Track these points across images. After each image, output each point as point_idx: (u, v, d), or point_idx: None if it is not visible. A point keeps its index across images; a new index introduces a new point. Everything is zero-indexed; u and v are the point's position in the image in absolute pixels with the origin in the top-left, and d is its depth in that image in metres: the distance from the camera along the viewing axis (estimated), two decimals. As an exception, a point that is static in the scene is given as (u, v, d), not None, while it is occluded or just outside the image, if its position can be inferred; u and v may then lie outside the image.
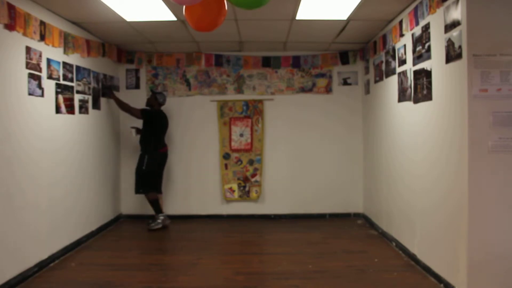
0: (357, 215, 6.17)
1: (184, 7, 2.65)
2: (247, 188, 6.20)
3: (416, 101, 4.03)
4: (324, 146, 6.21)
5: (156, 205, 5.57)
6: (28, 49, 3.75)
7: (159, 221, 5.55)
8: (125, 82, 6.19)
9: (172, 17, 4.38)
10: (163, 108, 5.78)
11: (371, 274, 3.86)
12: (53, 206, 4.23)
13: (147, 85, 6.16)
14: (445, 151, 3.45)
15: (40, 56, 3.96)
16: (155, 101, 5.64)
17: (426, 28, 3.74)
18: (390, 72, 4.77)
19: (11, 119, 3.55)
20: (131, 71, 6.19)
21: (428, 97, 3.75)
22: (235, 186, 6.19)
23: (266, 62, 6.15)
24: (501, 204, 3.08)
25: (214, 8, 2.59)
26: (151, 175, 5.56)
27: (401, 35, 4.34)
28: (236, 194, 6.20)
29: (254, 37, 5.38)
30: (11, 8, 3.45)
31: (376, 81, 5.39)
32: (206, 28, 2.71)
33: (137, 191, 5.58)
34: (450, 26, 3.29)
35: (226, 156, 6.20)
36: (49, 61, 4.12)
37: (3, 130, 3.45)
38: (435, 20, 3.57)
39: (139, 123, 5.77)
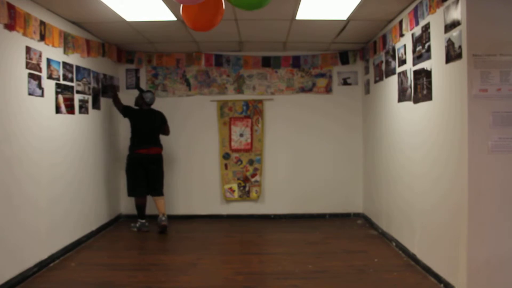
0: (357, 215, 6.16)
1: (181, 6, 2.64)
2: (247, 188, 6.20)
3: (416, 101, 4.03)
4: (324, 146, 6.20)
5: (137, 210, 5.50)
6: (28, 49, 3.75)
7: (136, 224, 5.49)
8: (125, 82, 6.19)
9: (172, 17, 4.38)
10: (165, 108, 5.77)
11: (371, 274, 3.86)
12: (53, 206, 4.23)
13: (147, 85, 6.16)
14: (445, 151, 3.45)
15: (40, 56, 3.96)
16: (142, 100, 5.49)
17: (426, 28, 3.74)
18: (390, 72, 4.76)
19: (11, 119, 3.54)
20: (131, 71, 6.19)
21: (428, 97, 3.75)
22: (235, 186, 6.19)
23: (266, 62, 6.14)
24: (501, 204, 3.08)
25: (211, 7, 2.58)
26: (127, 177, 5.49)
27: (401, 35, 4.34)
28: (236, 194, 6.20)
29: (254, 37, 5.38)
30: (11, 8, 3.45)
31: (376, 81, 5.39)
32: (203, 27, 2.69)
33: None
34: (450, 26, 3.29)
35: (226, 156, 6.20)
36: (49, 61, 4.12)
37: (3, 130, 3.45)
38: (435, 20, 3.57)
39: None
